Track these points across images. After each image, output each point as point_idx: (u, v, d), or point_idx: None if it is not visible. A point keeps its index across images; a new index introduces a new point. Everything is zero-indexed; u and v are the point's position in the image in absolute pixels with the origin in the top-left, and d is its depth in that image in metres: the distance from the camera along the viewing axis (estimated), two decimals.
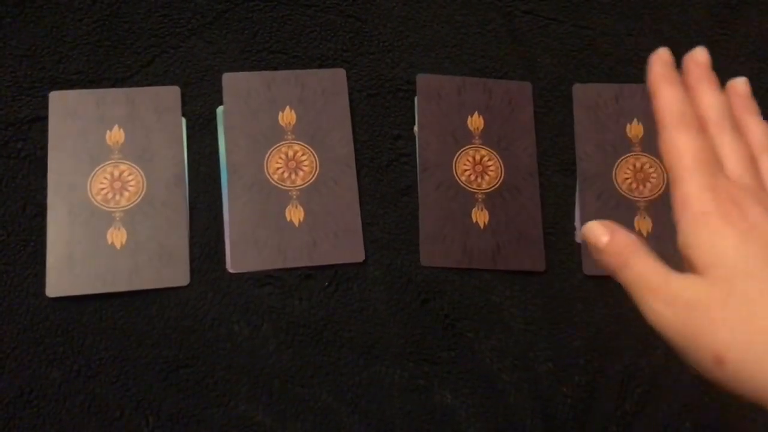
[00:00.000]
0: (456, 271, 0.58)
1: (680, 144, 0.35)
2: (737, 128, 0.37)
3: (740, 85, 0.40)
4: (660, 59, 0.39)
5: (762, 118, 0.39)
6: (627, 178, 0.60)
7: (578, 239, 0.59)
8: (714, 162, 0.35)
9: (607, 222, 0.36)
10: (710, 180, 0.34)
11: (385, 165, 0.60)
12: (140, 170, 0.57)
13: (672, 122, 0.36)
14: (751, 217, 0.33)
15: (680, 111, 0.36)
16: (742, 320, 0.31)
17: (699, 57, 0.39)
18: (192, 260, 0.56)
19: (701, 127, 0.36)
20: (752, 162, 0.36)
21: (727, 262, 0.32)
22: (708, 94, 0.38)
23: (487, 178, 0.60)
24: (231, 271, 0.56)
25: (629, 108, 0.62)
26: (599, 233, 0.36)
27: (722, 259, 0.32)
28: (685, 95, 0.37)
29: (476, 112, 0.61)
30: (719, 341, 0.31)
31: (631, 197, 0.60)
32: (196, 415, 0.53)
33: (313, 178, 0.58)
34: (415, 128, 0.61)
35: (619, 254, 0.35)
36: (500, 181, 0.60)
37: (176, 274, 0.55)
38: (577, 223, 0.60)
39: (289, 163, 0.58)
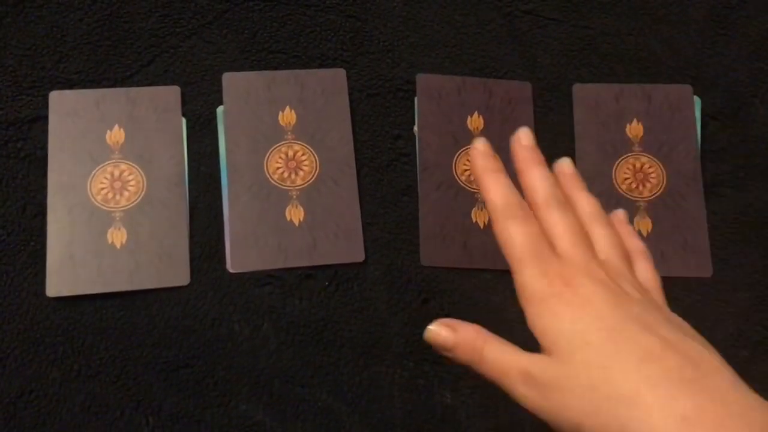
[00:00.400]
0: (456, 270, 0.58)
1: (510, 234, 0.37)
2: (566, 205, 0.39)
3: (565, 165, 0.42)
4: (479, 153, 0.40)
5: (588, 192, 0.41)
6: (627, 178, 0.60)
7: None
8: (544, 246, 0.37)
9: (446, 320, 0.38)
10: (541, 265, 0.36)
11: (385, 165, 0.60)
12: (140, 170, 0.57)
13: (500, 214, 0.38)
14: (582, 293, 0.35)
15: (506, 201, 0.38)
16: (588, 390, 0.33)
17: (524, 140, 0.40)
18: (192, 260, 0.56)
19: (529, 212, 0.38)
20: (582, 236, 0.38)
21: (567, 339, 0.34)
22: (535, 177, 0.39)
23: None
24: (231, 270, 0.56)
25: (629, 108, 0.62)
26: (444, 333, 0.37)
27: (563, 338, 0.34)
28: (509, 183, 0.39)
29: (476, 112, 0.61)
30: (575, 412, 0.33)
31: (631, 197, 0.60)
32: (196, 415, 0.53)
33: (313, 178, 0.58)
34: (415, 128, 0.61)
35: (473, 348, 0.37)
36: None
37: (176, 273, 0.55)
38: None
39: (289, 163, 0.58)
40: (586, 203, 0.40)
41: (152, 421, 0.52)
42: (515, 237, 0.37)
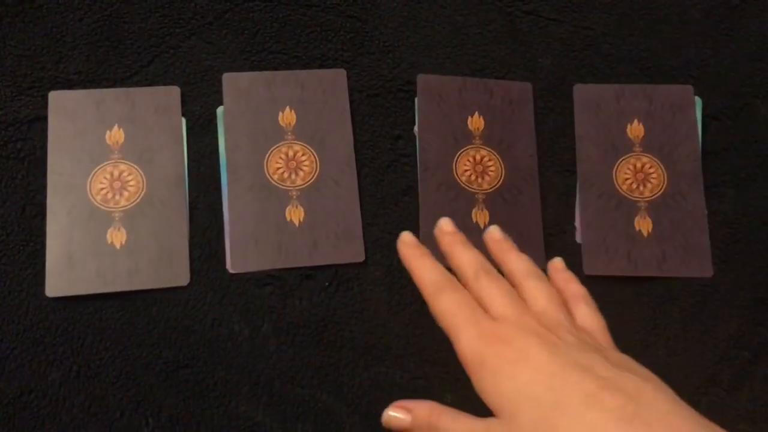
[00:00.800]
0: None
1: (442, 308, 0.39)
2: (494, 271, 0.41)
3: (495, 232, 0.45)
4: (404, 243, 0.43)
5: (518, 251, 0.44)
6: (627, 179, 0.60)
7: (579, 239, 0.59)
8: (476, 311, 0.39)
9: (401, 402, 0.39)
10: (476, 329, 0.38)
11: (385, 165, 0.60)
12: (140, 170, 0.57)
13: (430, 292, 0.40)
14: (518, 347, 0.36)
15: (434, 280, 0.40)
16: None
17: (446, 226, 0.44)
18: (192, 260, 0.56)
19: (458, 283, 0.40)
20: (513, 294, 0.40)
21: (510, 399, 0.35)
22: (461, 255, 0.42)
23: (487, 178, 0.60)
24: (231, 271, 0.56)
25: (630, 108, 0.62)
26: (399, 415, 0.38)
27: (505, 398, 0.35)
28: (436, 263, 0.41)
29: (477, 113, 0.61)
30: None
31: (632, 197, 0.60)
32: (196, 416, 0.53)
33: (314, 179, 0.58)
34: (416, 128, 0.61)
35: (428, 424, 0.37)
36: (501, 182, 0.60)
37: (176, 274, 0.55)
38: (577, 223, 0.60)
39: (290, 163, 0.58)
40: (517, 261, 0.43)
41: (152, 421, 0.52)
42: (448, 307, 0.39)
